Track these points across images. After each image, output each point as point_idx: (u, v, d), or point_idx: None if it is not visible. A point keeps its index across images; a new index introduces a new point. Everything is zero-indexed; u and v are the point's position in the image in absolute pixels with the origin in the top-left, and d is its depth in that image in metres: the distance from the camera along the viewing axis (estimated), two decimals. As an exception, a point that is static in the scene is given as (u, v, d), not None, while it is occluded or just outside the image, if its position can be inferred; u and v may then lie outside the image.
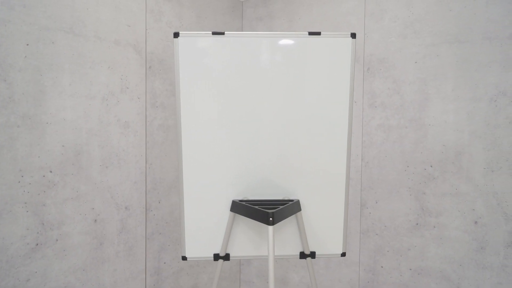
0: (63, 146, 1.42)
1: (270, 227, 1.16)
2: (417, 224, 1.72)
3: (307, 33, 1.29)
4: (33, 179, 1.33)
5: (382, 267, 1.85)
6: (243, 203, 1.29)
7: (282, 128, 1.34)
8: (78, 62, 1.46)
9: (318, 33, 1.29)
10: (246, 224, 1.37)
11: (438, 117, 1.65)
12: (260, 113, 1.33)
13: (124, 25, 1.62)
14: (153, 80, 1.77)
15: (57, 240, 1.41)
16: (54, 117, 1.38)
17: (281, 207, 1.23)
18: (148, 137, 1.76)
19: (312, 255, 1.38)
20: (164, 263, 1.87)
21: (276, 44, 1.30)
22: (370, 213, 1.87)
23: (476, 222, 1.57)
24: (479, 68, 1.54)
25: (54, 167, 1.39)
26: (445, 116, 1.63)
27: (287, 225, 1.37)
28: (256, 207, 1.23)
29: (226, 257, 1.37)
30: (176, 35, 1.28)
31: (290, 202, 1.29)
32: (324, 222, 1.39)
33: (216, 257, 1.37)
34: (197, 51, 1.30)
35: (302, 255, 1.38)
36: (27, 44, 1.30)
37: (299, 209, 1.34)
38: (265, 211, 1.18)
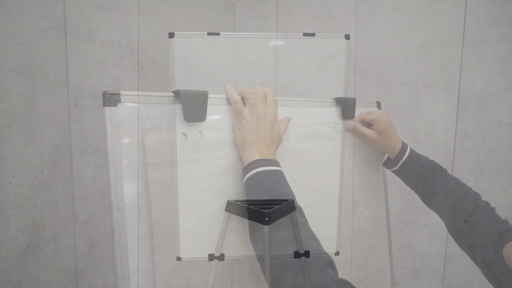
0: (55, 147, 1.40)
1: (266, 227, 1.16)
2: (408, 222, 1.75)
3: (302, 34, 1.29)
4: (25, 180, 1.31)
5: (373, 265, 1.87)
6: (238, 203, 1.29)
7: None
8: (70, 62, 1.44)
9: (313, 34, 1.29)
10: (241, 224, 1.37)
11: (428, 117, 1.68)
12: (255, 113, 1.33)
13: (116, 24, 1.61)
14: (145, 80, 1.76)
15: (49, 242, 1.39)
16: (46, 117, 1.36)
17: (277, 206, 1.23)
18: (140, 137, 1.74)
19: (307, 254, 1.39)
20: (157, 264, 1.86)
21: (271, 45, 1.31)
22: (361, 212, 1.88)
23: (465, 221, 1.60)
24: (468, 69, 1.58)
25: (46, 168, 1.37)
26: (436, 116, 1.66)
27: (282, 225, 1.37)
28: (252, 207, 1.23)
29: (221, 257, 1.37)
30: (171, 35, 1.27)
31: (285, 202, 1.30)
32: (318, 222, 1.39)
33: (211, 257, 1.37)
34: (192, 51, 1.29)
35: (297, 254, 1.39)
36: (19, 44, 1.28)
37: (294, 209, 1.34)
38: (261, 211, 1.18)
